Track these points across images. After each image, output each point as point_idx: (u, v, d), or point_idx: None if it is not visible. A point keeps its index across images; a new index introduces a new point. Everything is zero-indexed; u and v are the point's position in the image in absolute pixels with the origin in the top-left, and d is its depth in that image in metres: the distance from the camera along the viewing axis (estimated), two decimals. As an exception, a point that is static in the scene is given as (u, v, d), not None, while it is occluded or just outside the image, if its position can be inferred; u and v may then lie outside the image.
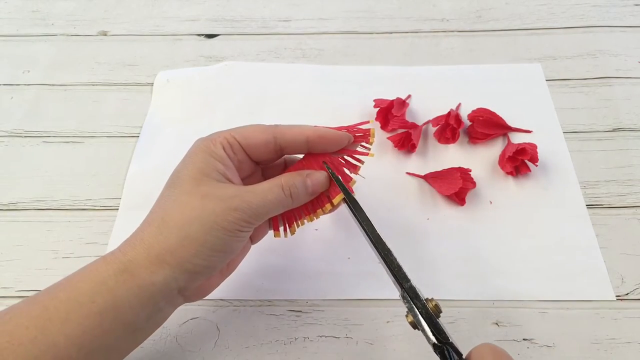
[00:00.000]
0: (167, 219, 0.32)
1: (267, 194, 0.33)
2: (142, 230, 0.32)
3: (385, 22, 0.63)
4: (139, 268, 0.31)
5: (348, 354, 0.39)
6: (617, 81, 0.55)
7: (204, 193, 0.32)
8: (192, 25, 0.63)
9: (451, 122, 0.49)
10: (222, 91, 0.56)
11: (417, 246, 0.44)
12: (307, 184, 0.35)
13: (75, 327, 0.29)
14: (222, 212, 0.31)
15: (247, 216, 0.32)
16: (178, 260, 0.31)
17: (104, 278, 0.30)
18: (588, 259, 0.43)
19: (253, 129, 0.35)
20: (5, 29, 0.64)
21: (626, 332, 0.39)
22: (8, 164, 0.51)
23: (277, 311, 0.41)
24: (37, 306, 0.30)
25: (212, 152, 0.34)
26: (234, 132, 0.35)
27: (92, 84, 0.58)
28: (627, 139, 0.51)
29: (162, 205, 0.33)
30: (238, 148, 0.35)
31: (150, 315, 0.32)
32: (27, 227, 0.47)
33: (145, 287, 0.31)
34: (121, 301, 0.30)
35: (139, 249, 0.31)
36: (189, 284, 0.32)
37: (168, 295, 0.32)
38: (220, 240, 0.32)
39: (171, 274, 0.31)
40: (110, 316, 0.30)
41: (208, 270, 0.33)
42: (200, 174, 0.33)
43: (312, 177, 0.35)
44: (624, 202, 0.46)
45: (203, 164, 0.33)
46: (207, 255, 0.32)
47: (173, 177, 0.34)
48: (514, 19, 0.62)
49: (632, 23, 0.61)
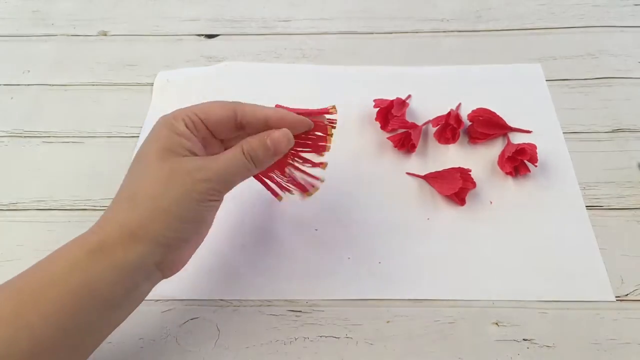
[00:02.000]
0: (138, 195, 0.32)
1: (230, 160, 0.34)
2: (113, 209, 0.33)
3: (385, 22, 0.63)
4: (112, 247, 0.31)
5: (348, 354, 0.39)
6: (617, 81, 0.55)
7: (171, 167, 0.32)
8: (192, 25, 0.63)
9: (451, 122, 0.49)
10: (222, 91, 0.56)
11: (417, 246, 0.44)
12: (267, 145, 0.35)
13: (50, 306, 0.29)
14: (191, 184, 0.32)
15: (215, 184, 0.33)
16: (151, 235, 0.31)
17: (77, 259, 0.30)
18: (588, 260, 0.43)
19: (214, 105, 0.36)
20: (5, 29, 0.64)
21: (626, 332, 0.39)
22: (8, 164, 0.51)
23: (277, 311, 0.41)
24: (9, 289, 0.30)
25: (175, 128, 0.34)
26: (195, 108, 0.36)
27: (92, 84, 0.58)
28: (627, 139, 0.51)
29: (131, 182, 0.34)
30: (200, 124, 0.35)
31: (128, 292, 0.32)
32: (28, 227, 0.47)
33: (120, 265, 0.31)
34: (95, 279, 0.30)
35: (111, 227, 0.32)
36: (164, 257, 0.33)
37: (145, 271, 0.32)
38: (191, 211, 0.33)
39: (145, 249, 0.31)
40: (86, 294, 0.30)
41: (181, 242, 0.33)
42: (166, 151, 0.33)
43: (272, 137, 0.36)
44: (624, 204, 0.46)
45: (167, 140, 0.33)
46: (180, 227, 0.32)
47: (139, 154, 0.34)
48: (514, 19, 0.62)
49: (632, 23, 0.61)
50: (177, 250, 0.34)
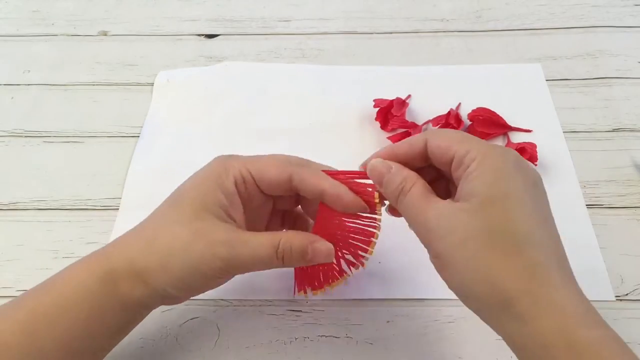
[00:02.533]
0: (155, 242, 0.32)
1: (259, 250, 0.31)
2: (131, 239, 0.33)
3: (385, 22, 0.63)
4: (120, 279, 0.31)
5: (348, 354, 0.39)
6: (617, 81, 0.55)
7: (196, 229, 0.31)
8: (192, 25, 0.63)
9: (451, 121, 0.49)
10: (222, 91, 0.56)
11: (418, 246, 0.44)
12: (306, 253, 0.32)
13: (63, 332, 0.30)
14: (207, 258, 0.31)
15: (231, 268, 0.32)
16: (154, 284, 0.31)
17: (88, 284, 0.31)
18: (588, 259, 0.43)
19: (270, 164, 0.33)
20: (5, 29, 0.64)
21: (626, 332, 0.39)
22: (8, 164, 0.51)
23: (277, 311, 0.41)
24: (22, 311, 0.30)
25: (222, 184, 0.32)
26: (250, 164, 0.33)
27: (92, 84, 0.58)
28: (627, 139, 0.51)
29: (155, 224, 0.33)
30: (251, 183, 0.33)
31: (132, 320, 0.34)
32: (27, 227, 0.47)
33: (126, 298, 0.31)
34: (106, 308, 0.31)
35: (122, 259, 0.31)
36: (164, 302, 0.34)
37: (148, 306, 0.33)
38: (197, 282, 0.32)
39: (147, 294, 0.31)
40: (96, 322, 0.31)
41: (182, 299, 0.34)
42: (201, 205, 0.32)
43: (315, 247, 0.33)
44: (624, 202, 0.46)
45: (208, 193, 0.32)
46: (181, 290, 0.32)
47: (176, 195, 0.33)
48: (514, 19, 0.62)
49: (632, 23, 0.61)
50: (178, 302, 0.35)
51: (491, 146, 0.28)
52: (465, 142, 0.28)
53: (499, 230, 0.26)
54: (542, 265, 0.25)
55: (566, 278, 0.26)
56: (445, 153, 0.29)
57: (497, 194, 0.26)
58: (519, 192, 0.26)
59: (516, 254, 0.25)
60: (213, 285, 0.34)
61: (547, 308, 0.25)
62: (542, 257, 0.25)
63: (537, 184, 0.28)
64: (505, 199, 0.26)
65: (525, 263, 0.25)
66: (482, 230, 0.26)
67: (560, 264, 0.26)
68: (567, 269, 0.27)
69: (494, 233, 0.26)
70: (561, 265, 0.26)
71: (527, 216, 0.26)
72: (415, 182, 0.30)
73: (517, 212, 0.26)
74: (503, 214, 0.26)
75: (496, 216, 0.26)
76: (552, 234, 0.27)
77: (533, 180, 0.28)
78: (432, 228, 0.28)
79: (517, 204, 0.26)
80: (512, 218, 0.26)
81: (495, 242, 0.26)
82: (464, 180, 0.28)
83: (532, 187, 0.27)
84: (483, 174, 0.27)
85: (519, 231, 0.26)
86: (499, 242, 0.26)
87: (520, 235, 0.26)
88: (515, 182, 0.27)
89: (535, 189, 0.27)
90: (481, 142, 0.28)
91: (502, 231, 0.26)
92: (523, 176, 0.27)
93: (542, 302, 0.25)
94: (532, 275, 0.25)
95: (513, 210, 0.26)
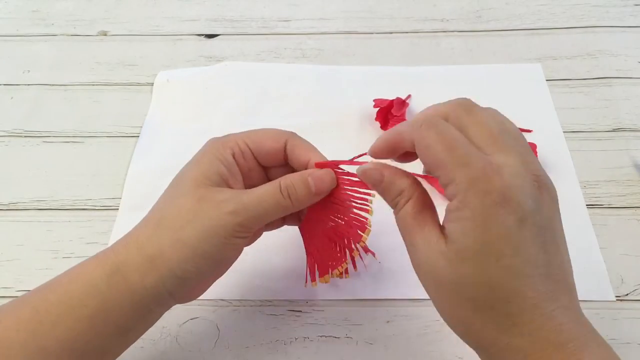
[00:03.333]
0: (163, 220, 0.31)
1: (264, 195, 0.32)
2: (138, 230, 0.32)
3: (385, 22, 0.63)
4: (130, 270, 0.30)
5: (348, 354, 0.39)
6: (617, 81, 0.55)
7: (200, 196, 0.31)
8: (192, 25, 0.63)
9: (451, 122, 0.49)
10: (222, 91, 0.56)
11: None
12: (308, 183, 0.32)
13: (66, 330, 0.29)
14: (216, 216, 0.30)
15: (243, 219, 0.31)
16: (168, 265, 0.30)
17: (95, 280, 0.30)
18: (588, 259, 0.43)
19: (266, 135, 0.34)
20: (5, 29, 0.64)
21: (626, 332, 0.39)
22: (8, 164, 0.51)
23: (277, 311, 0.41)
24: (27, 308, 0.30)
25: (221, 155, 0.33)
26: (246, 137, 0.34)
27: (92, 84, 0.58)
28: (627, 139, 0.51)
29: (160, 206, 0.33)
30: (249, 154, 0.34)
31: (142, 317, 0.32)
32: (27, 227, 0.47)
33: (136, 290, 0.30)
34: (112, 304, 0.30)
35: (131, 249, 0.31)
36: (178, 288, 0.31)
37: (158, 298, 0.31)
38: (213, 247, 0.31)
39: (161, 278, 0.30)
40: (102, 319, 0.30)
41: (198, 276, 0.32)
42: (203, 177, 0.32)
43: (315, 175, 0.33)
44: (624, 202, 0.46)
45: (208, 166, 0.32)
46: (199, 262, 0.31)
47: (177, 177, 0.34)
48: (514, 19, 0.62)
49: (632, 23, 0.61)
50: (194, 282, 0.32)
51: (474, 182, 0.25)
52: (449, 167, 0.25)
53: (471, 285, 0.25)
54: (514, 316, 0.25)
55: (544, 318, 0.25)
56: (433, 170, 0.27)
57: (472, 247, 0.25)
58: (496, 243, 0.25)
59: (487, 308, 0.25)
60: (230, 253, 0.32)
61: (515, 355, 0.25)
62: (513, 309, 0.25)
63: (525, 220, 0.25)
64: (480, 254, 0.25)
65: (496, 315, 0.25)
66: (455, 282, 0.26)
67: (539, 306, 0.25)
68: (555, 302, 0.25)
69: (466, 287, 0.25)
70: (540, 307, 0.25)
71: (502, 271, 0.25)
72: (411, 196, 0.29)
73: (490, 269, 0.25)
74: (476, 270, 0.25)
75: (469, 272, 0.25)
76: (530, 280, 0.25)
77: (519, 218, 0.24)
78: (416, 256, 0.28)
79: (492, 259, 0.25)
80: (484, 274, 0.25)
81: (468, 296, 0.26)
82: (447, 215, 0.27)
83: (517, 229, 0.24)
84: (461, 219, 0.25)
85: (491, 287, 0.25)
86: (471, 297, 0.25)
87: (491, 290, 0.25)
88: (493, 231, 0.24)
89: (520, 229, 0.24)
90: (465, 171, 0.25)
91: (474, 287, 0.25)
92: (505, 219, 0.24)
93: (510, 349, 0.25)
94: (502, 326, 0.25)
95: (486, 267, 0.25)
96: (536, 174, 0.26)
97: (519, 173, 0.25)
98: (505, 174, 0.25)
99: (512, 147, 0.26)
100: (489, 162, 0.25)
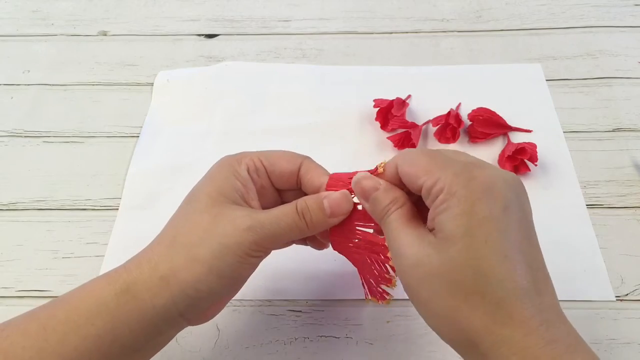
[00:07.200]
0: (177, 238, 0.31)
1: (281, 216, 0.31)
2: (152, 248, 0.31)
3: (385, 22, 0.63)
4: (141, 289, 0.29)
5: (348, 354, 0.39)
6: (617, 81, 0.55)
7: (216, 212, 0.30)
8: (192, 25, 0.63)
9: (451, 121, 0.49)
10: (222, 91, 0.56)
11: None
12: (322, 206, 0.32)
13: (72, 350, 0.28)
14: (232, 233, 0.30)
15: (259, 237, 0.30)
16: (181, 284, 0.29)
17: (104, 298, 0.29)
18: (588, 259, 0.43)
19: (281, 156, 0.34)
20: (5, 29, 0.64)
21: (626, 332, 0.39)
22: (8, 164, 0.51)
23: (277, 311, 0.41)
24: (34, 324, 0.29)
25: (235, 171, 0.32)
26: (261, 155, 0.34)
27: (92, 84, 0.58)
28: (627, 139, 0.51)
29: (174, 224, 0.32)
30: (263, 172, 0.34)
31: (151, 338, 0.31)
32: (27, 227, 0.47)
33: (146, 310, 0.29)
34: (121, 324, 0.29)
35: (144, 267, 0.30)
36: (189, 308, 0.30)
37: (169, 319, 0.30)
38: (228, 266, 0.30)
39: (171, 297, 0.29)
40: (109, 339, 0.29)
41: (210, 296, 0.31)
42: (218, 193, 0.31)
43: (330, 198, 0.32)
44: (624, 203, 0.46)
45: (223, 182, 0.32)
46: (212, 281, 0.30)
47: (191, 193, 0.33)
48: (514, 19, 0.62)
49: (632, 23, 0.61)
50: (205, 303, 0.31)
51: (458, 174, 0.27)
52: (433, 170, 0.27)
53: (460, 269, 0.25)
54: (505, 302, 0.25)
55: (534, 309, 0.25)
56: (415, 182, 0.28)
57: (460, 231, 0.25)
58: (483, 226, 0.25)
59: (477, 294, 0.25)
60: (244, 272, 0.32)
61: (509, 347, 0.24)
62: (504, 293, 0.25)
63: (508, 208, 0.26)
64: (467, 236, 0.25)
65: (487, 302, 0.25)
66: (444, 268, 0.26)
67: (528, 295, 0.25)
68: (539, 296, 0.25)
69: (456, 272, 0.25)
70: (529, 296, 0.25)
71: (490, 252, 0.25)
72: (402, 205, 0.29)
73: (479, 250, 0.25)
74: (465, 253, 0.25)
75: (458, 255, 0.25)
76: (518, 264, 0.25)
77: (503, 206, 0.26)
78: (402, 255, 0.28)
79: (479, 240, 0.25)
80: (473, 256, 0.25)
81: (457, 282, 0.25)
82: (432, 211, 0.27)
83: (502, 214, 0.26)
84: (448, 209, 0.26)
85: (480, 269, 0.25)
86: (461, 281, 0.25)
87: (481, 274, 0.25)
88: (480, 214, 0.25)
89: (505, 214, 0.26)
90: (448, 169, 0.27)
91: (463, 270, 0.25)
92: (490, 204, 0.26)
93: (503, 341, 0.25)
94: (494, 314, 0.25)
95: (475, 249, 0.25)
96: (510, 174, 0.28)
97: (497, 170, 0.28)
98: (486, 169, 0.27)
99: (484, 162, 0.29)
100: (470, 161, 0.28)
